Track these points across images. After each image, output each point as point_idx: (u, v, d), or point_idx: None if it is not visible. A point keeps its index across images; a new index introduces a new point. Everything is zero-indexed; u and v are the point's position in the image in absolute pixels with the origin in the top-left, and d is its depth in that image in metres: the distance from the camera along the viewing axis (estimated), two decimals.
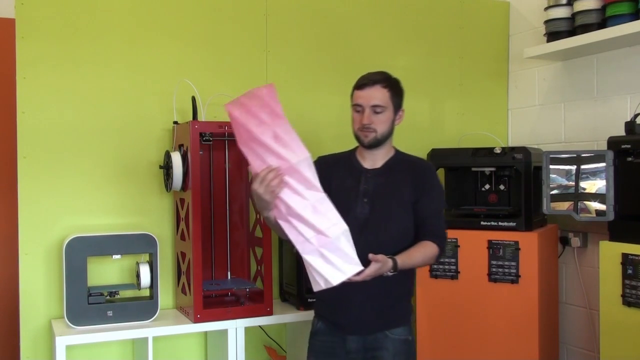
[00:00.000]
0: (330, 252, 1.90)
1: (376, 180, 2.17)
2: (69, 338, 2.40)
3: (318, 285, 1.92)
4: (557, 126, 3.33)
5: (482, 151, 2.98)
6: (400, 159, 2.22)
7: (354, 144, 2.25)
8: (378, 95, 2.10)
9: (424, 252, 2.10)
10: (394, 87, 2.15)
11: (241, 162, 2.92)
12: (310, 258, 1.90)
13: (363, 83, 2.13)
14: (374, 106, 2.10)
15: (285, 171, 1.88)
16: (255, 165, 1.91)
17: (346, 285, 1.91)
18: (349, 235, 1.91)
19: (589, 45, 2.92)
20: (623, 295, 2.48)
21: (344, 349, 2.15)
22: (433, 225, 2.15)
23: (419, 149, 2.22)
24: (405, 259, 2.04)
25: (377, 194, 2.14)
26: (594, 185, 2.66)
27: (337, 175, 2.18)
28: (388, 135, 2.17)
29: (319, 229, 1.89)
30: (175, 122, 2.76)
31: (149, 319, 2.59)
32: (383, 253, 1.97)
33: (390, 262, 1.98)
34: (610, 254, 2.54)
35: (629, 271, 2.46)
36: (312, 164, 1.90)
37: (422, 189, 2.16)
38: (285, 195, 1.90)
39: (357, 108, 2.14)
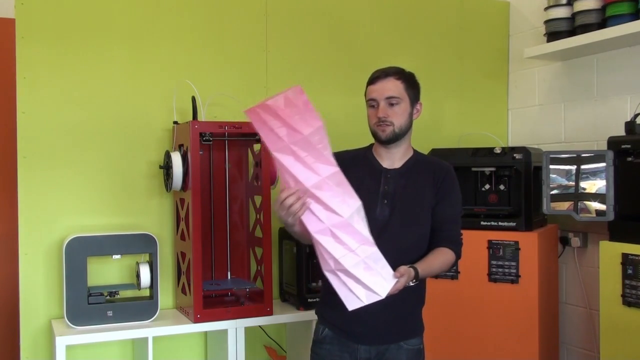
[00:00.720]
0: (375, 262, 1.80)
1: (397, 181, 2.05)
2: (69, 338, 2.40)
3: (357, 301, 1.80)
4: (557, 126, 3.33)
5: (482, 151, 2.98)
6: (420, 160, 2.12)
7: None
8: (391, 87, 2.00)
9: (442, 259, 2.01)
10: (408, 79, 2.04)
11: (241, 162, 2.92)
12: (356, 271, 1.78)
13: (375, 77, 2.04)
14: (389, 98, 1.99)
15: (329, 178, 1.78)
16: (294, 169, 1.77)
17: None
18: None
19: (589, 45, 2.93)
20: (623, 295, 2.48)
21: (355, 359, 2.05)
22: (450, 231, 2.07)
23: (419, 149, 2.19)
24: (425, 267, 1.95)
25: (397, 195, 2.03)
26: (594, 185, 2.66)
27: (354, 174, 2.00)
28: (406, 129, 2.04)
29: (365, 238, 1.80)
30: (175, 122, 2.76)
31: (149, 319, 2.59)
32: (401, 258, 1.90)
33: (412, 272, 1.89)
34: (610, 254, 2.54)
35: (629, 271, 2.46)
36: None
37: (442, 193, 2.06)
38: (331, 202, 1.78)
39: (371, 103, 2.03)
